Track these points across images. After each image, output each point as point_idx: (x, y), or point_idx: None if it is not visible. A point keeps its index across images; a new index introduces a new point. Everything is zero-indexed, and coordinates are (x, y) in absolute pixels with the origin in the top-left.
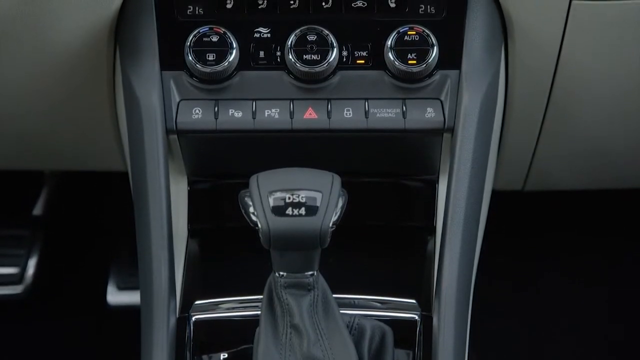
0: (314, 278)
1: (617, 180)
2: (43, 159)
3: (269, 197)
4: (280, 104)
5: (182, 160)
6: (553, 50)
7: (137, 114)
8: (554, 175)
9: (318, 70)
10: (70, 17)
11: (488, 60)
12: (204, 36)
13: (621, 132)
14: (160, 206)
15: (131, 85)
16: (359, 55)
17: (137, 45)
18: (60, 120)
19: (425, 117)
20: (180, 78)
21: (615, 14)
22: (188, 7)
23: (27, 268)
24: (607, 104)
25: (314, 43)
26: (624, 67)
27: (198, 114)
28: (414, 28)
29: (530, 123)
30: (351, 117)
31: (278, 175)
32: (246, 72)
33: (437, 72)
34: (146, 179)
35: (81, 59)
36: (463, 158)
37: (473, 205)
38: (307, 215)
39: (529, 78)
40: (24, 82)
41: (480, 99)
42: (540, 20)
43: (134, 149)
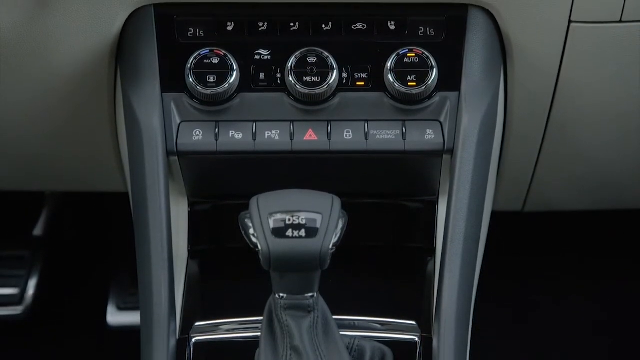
0: (314, 300)
1: (617, 201)
2: (44, 180)
3: (269, 219)
4: (281, 125)
5: (182, 181)
6: (552, 72)
7: (138, 135)
8: (553, 196)
9: (318, 92)
10: (72, 40)
11: (487, 82)
12: (204, 58)
13: (621, 153)
14: (161, 227)
15: (132, 107)
16: (358, 77)
17: (138, 68)
18: (61, 142)
19: (425, 139)
20: (180, 100)
21: (613, 36)
22: (189, 30)
23: (27, 289)
24: (606, 126)
25: (314, 65)
26: (623, 89)
27: (198, 136)
28: (414, 50)
29: (529, 144)
30: (351, 138)
31: (278, 196)
32: (246, 93)
33: (436, 93)
34: (147, 200)
35: (82, 81)
36: (463, 179)
37: (473, 227)
38: (307, 237)
39: (528, 99)
40: (25, 104)
41: (480, 121)
42: (539, 42)
43: (135, 170)
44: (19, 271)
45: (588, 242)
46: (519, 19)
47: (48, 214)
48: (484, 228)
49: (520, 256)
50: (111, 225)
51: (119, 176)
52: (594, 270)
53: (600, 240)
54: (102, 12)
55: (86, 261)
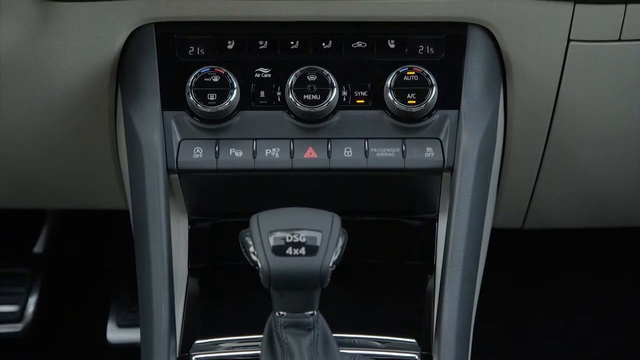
0: (314, 318)
1: (617, 219)
2: (44, 197)
3: (269, 237)
4: (281, 143)
5: (182, 199)
6: (551, 90)
7: (139, 153)
8: (553, 213)
9: (318, 110)
10: (73, 58)
11: (487, 100)
12: (205, 76)
13: (620, 171)
14: (161, 245)
15: (132, 125)
16: (358, 95)
17: (139, 86)
18: (62, 160)
19: (425, 157)
20: (181, 118)
21: (612, 55)
22: (189, 48)
23: (27, 306)
24: (606, 144)
25: (314, 83)
26: (622, 107)
27: (199, 154)
28: (414, 68)
29: (529, 162)
30: (351, 156)
31: (278, 214)
32: (247, 111)
33: (436, 111)
34: (147, 218)
35: (83, 99)
36: (462, 197)
37: (473, 244)
38: (307, 255)
39: (527, 117)
40: (25, 122)
41: (480, 139)
42: (538, 61)
43: (135, 188)
44: (19, 288)
45: (588, 259)
46: (518, 38)
47: (48, 231)
48: (484, 245)
49: (520, 273)
50: (111, 243)
51: (119, 194)
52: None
53: (600, 258)
54: (104, 31)
55: (86, 278)
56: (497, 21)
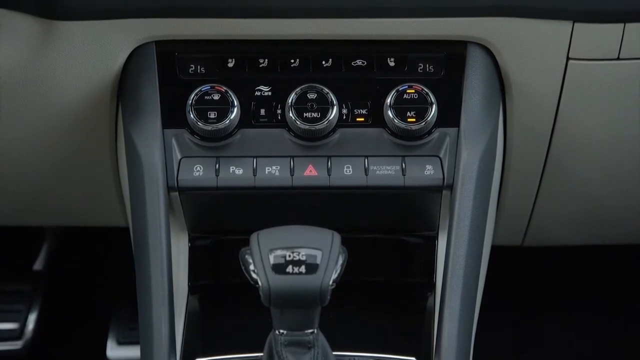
0: (314, 336)
1: (617, 236)
2: (44, 215)
3: (269, 255)
4: (281, 161)
5: (183, 216)
6: (551, 108)
7: (139, 171)
8: (553, 230)
9: (318, 127)
10: (74, 77)
11: (486, 118)
12: (205, 94)
13: (620, 189)
14: (161, 263)
15: (133, 143)
16: (358, 113)
17: (139, 104)
18: (62, 178)
19: (425, 175)
20: (181, 136)
21: (611, 73)
22: (190, 66)
23: (27, 323)
24: (605, 162)
25: (314, 101)
26: (621, 125)
27: (199, 172)
28: (413, 86)
29: (528, 179)
30: (351, 174)
31: (278, 233)
32: (247, 129)
33: (436, 129)
34: (147, 236)
35: (83, 117)
36: (462, 215)
37: (472, 262)
38: (307, 274)
39: (527, 135)
40: (25, 141)
41: (479, 157)
42: (537, 78)
43: (135, 206)
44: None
45: (588, 277)
46: (517, 56)
47: (48, 248)
48: (484, 263)
49: (520, 291)
50: (111, 260)
51: (119, 211)
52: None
53: (600, 276)
54: (105, 49)
55: (86, 295)
56: (496, 40)
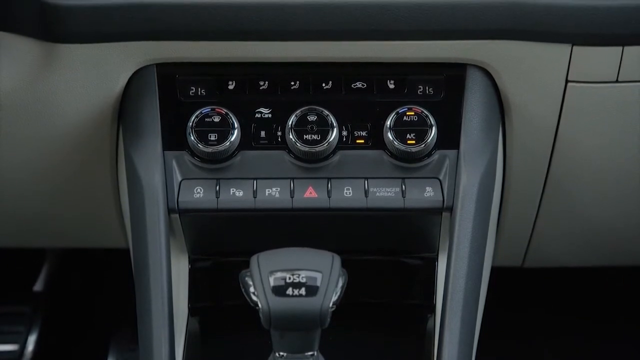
0: (314, 358)
1: (617, 257)
2: (45, 237)
3: (269, 277)
4: (281, 183)
5: (183, 238)
6: (550, 130)
7: (139, 193)
8: (553, 252)
9: (318, 149)
10: (75, 100)
11: (486, 140)
12: (206, 117)
13: (619, 210)
14: (162, 284)
15: (134, 165)
16: (358, 135)
17: (140, 126)
18: (63, 200)
19: (425, 197)
20: (182, 158)
21: (610, 95)
22: (190, 88)
23: (27, 345)
24: (605, 183)
25: (314, 123)
26: (620, 147)
27: (199, 193)
28: (413, 109)
29: (528, 201)
30: (351, 196)
31: (278, 255)
32: (247, 151)
33: (435, 151)
34: (147, 258)
35: (84, 140)
36: (462, 237)
37: (472, 284)
38: (307, 296)
39: (526, 157)
40: (26, 163)
41: (479, 179)
42: (537, 101)
43: (136, 228)
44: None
45: (588, 298)
46: (516, 78)
47: (48, 269)
48: (484, 285)
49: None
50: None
51: (119, 233)
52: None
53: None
54: (106, 72)
55: (86, 317)
56: (495, 62)
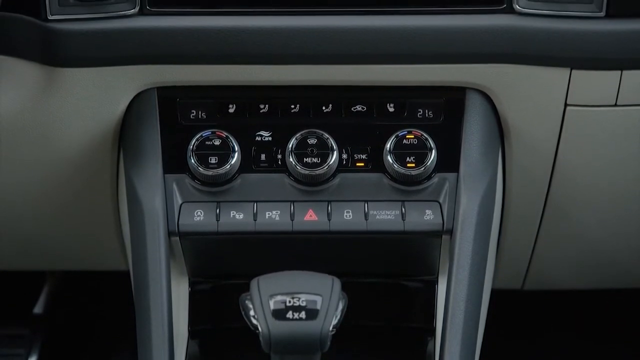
0: None
1: (617, 280)
2: (44, 259)
3: (269, 301)
4: (281, 206)
5: (183, 261)
6: (549, 153)
7: (140, 216)
8: (553, 274)
9: (318, 172)
10: (76, 124)
11: (485, 163)
12: (206, 140)
13: (619, 233)
14: (162, 308)
15: (134, 189)
16: (358, 158)
17: (141, 149)
18: (63, 223)
19: (424, 219)
20: (182, 181)
21: (609, 119)
22: (191, 112)
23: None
24: (604, 206)
25: (314, 146)
26: (620, 170)
27: (200, 216)
28: (413, 132)
29: (528, 223)
30: (351, 219)
31: (279, 278)
32: (247, 174)
33: (435, 174)
34: (147, 281)
35: (85, 163)
36: (462, 260)
37: (472, 307)
38: (307, 319)
39: (526, 180)
40: (26, 186)
41: (479, 202)
42: (536, 124)
43: (136, 251)
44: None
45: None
46: (515, 102)
47: (48, 292)
48: (484, 307)
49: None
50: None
51: (120, 255)
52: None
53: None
54: (107, 95)
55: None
56: (494, 86)
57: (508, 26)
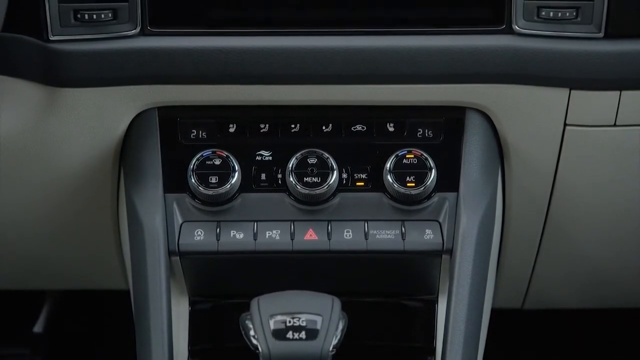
0: None
1: (617, 299)
2: (45, 279)
3: (269, 320)
4: (281, 225)
5: (183, 280)
6: (549, 173)
7: (140, 236)
8: (553, 293)
9: (318, 192)
10: (77, 143)
11: (485, 183)
12: (206, 159)
13: (620, 252)
14: (162, 327)
15: (135, 208)
16: (358, 178)
17: (141, 169)
18: (63, 242)
19: (424, 239)
20: (183, 200)
21: (609, 139)
22: (191, 131)
23: None
24: (604, 225)
25: (314, 166)
26: (619, 190)
27: (200, 236)
28: (412, 151)
29: (528, 243)
30: (351, 238)
31: (279, 298)
32: (248, 194)
33: (435, 194)
34: (148, 300)
35: (85, 183)
36: (462, 279)
37: (472, 326)
38: (307, 339)
39: (526, 199)
40: (27, 205)
41: (478, 221)
42: (535, 144)
43: (136, 270)
44: None
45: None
46: (515, 122)
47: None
48: (484, 327)
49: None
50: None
51: (120, 274)
52: None
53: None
54: (108, 115)
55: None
56: (494, 106)
57: (507, 47)
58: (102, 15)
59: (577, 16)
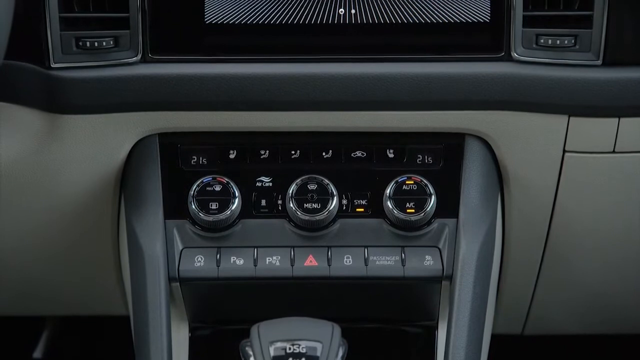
0: None
1: (618, 325)
2: (45, 305)
3: (269, 347)
4: (281, 251)
5: (183, 306)
6: (548, 198)
7: (140, 262)
8: (553, 319)
9: (318, 218)
10: (77, 169)
11: (485, 209)
12: (207, 185)
13: (619, 278)
14: (162, 353)
15: (135, 234)
16: (358, 204)
17: (142, 195)
18: (64, 268)
19: (424, 265)
20: (183, 226)
21: (608, 165)
22: (192, 157)
23: None
24: (604, 251)
25: (314, 192)
26: (619, 215)
27: (200, 262)
28: (412, 178)
29: (527, 268)
30: (351, 264)
31: (279, 325)
32: (248, 220)
33: (435, 220)
34: (148, 326)
35: (86, 209)
36: (462, 306)
37: (473, 353)
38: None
39: (525, 225)
40: (27, 231)
41: (478, 247)
42: (535, 170)
43: (136, 296)
44: None
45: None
46: (514, 148)
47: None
48: (484, 353)
49: None
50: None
51: (120, 300)
52: None
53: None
54: (109, 142)
55: None
56: (493, 132)
57: (506, 74)
58: (103, 43)
59: (575, 44)
